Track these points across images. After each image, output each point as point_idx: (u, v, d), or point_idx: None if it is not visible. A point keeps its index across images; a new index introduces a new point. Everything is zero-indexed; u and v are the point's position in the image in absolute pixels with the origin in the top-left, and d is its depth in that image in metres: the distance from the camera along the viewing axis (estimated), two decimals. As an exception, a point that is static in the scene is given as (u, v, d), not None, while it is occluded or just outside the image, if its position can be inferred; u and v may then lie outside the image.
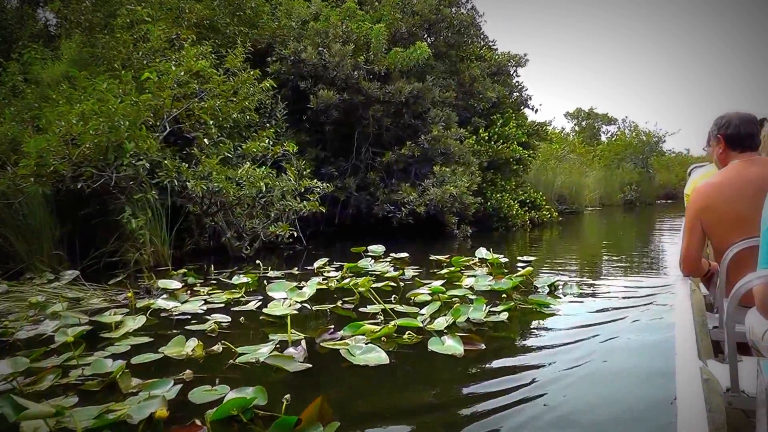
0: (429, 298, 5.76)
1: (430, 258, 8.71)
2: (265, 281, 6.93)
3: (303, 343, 4.11)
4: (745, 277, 1.81)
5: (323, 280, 6.98)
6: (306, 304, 5.52)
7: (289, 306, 5.28)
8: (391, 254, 9.13)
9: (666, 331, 4.50)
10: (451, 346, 4.06)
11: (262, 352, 3.91)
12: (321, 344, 4.22)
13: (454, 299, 5.69)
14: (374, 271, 7.69)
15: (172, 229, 8.81)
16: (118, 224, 7.86)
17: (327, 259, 8.60)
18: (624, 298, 6.05)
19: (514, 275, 6.58)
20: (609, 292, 6.39)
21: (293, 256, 10.52)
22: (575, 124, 34.43)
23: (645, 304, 5.66)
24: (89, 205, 8.20)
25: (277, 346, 4.13)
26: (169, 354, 4.00)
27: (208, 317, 5.12)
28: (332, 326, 4.56)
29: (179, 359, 3.93)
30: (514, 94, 16.44)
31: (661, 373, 3.49)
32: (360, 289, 6.06)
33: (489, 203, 13.92)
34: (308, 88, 12.02)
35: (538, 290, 6.26)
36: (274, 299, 5.52)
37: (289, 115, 12.20)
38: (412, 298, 5.82)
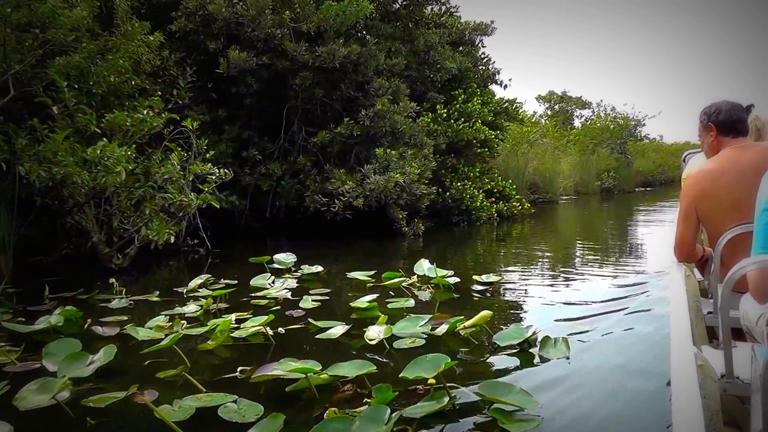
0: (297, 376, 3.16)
1: (348, 275, 6.31)
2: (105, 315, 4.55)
3: None
4: (739, 262, 1.84)
5: (167, 319, 4.58)
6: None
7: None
8: (304, 266, 6.77)
9: (661, 317, 4.44)
10: None
11: None
12: None
13: (341, 382, 3.23)
14: (262, 297, 5.35)
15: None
16: None
17: (208, 276, 6.25)
18: (617, 287, 6.03)
19: (462, 324, 4.16)
20: (599, 286, 6.19)
21: (194, 263, 8.16)
22: (547, 108, 32.30)
23: (639, 293, 5.60)
24: None
25: None
26: None
27: None
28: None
29: None
30: (480, 67, 14.11)
31: (657, 359, 3.53)
32: (209, 345, 3.75)
33: (448, 193, 11.60)
34: (219, 49, 9.55)
35: (499, 348, 3.87)
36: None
37: (201, 84, 9.77)
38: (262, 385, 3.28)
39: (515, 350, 3.80)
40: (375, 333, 3.88)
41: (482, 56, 14.04)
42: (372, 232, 10.25)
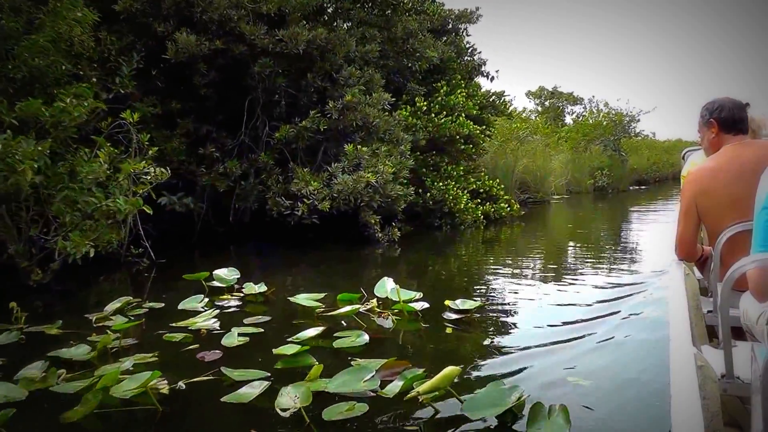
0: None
1: (290, 299, 5.19)
2: None
3: None
4: (738, 261, 1.82)
5: (43, 367, 3.51)
6: None
7: None
8: (248, 284, 5.71)
9: (660, 317, 4.41)
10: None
11: None
12: None
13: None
14: (180, 330, 4.29)
15: None
16: None
17: (127, 298, 5.19)
18: (615, 287, 6.04)
19: (420, 382, 3.06)
20: (595, 290, 6.07)
21: (137, 277, 7.14)
22: (538, 104, 31.27)
23: (638, 294, 5.60)
24: None
25: None
26: None
27: None
28: None
29: None
30: (465, 58, 13.06)
31: (656, 360, 3.49)
32: (73, 414, 2.73)
33: (429, 194, 10.54)
34: (168, 33, 8.45)
35: (470, 425, 2.78)
36: None
37: (156, 74, 8.73)
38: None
39: (493, 425, 2.74)
40: (288, 400, 2.81)
41: (467, 46, 12.98)
42: (345, 237, 9.21)
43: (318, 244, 9.22)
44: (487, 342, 4.23)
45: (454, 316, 4.55)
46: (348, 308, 4.53)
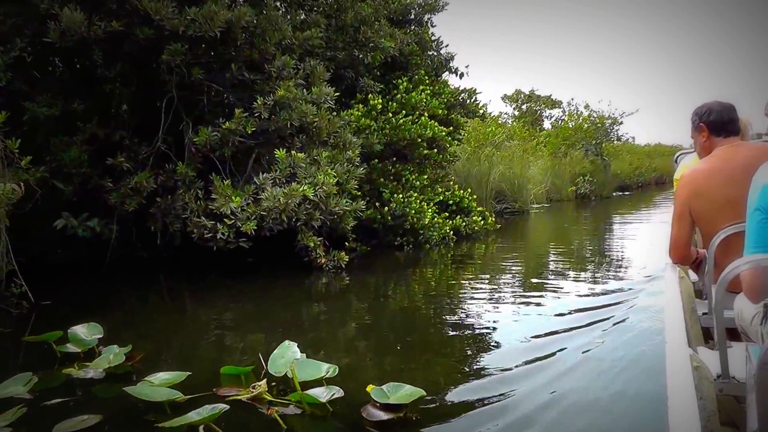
0: None
1: (127, 390, 3.46)
2: None
3: None
4: (732, 262, 1.86)
5: None
6: None
7: None
8: (110, 348, 4.05)
9: (656, 319, 4.50)
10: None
11: None
12: None
13: None
14: None
15: None
16: None
17: None
18: (617, 291, 6.17)
19: None
20: (586, 301, 5.98)
21: (20, 322, 5.51)
22: (514, 108, 29.82)
23: (632, 299, 5.70)
24: None
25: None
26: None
27: None
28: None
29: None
30: (431, 52, 11.49)
31: (653, 362, 3.58)
32: None
33: (387, 208, 8.91)
34: (52, 12, 6.76)
35: None
36: None
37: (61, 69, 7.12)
38: None
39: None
40: None
41: (432, 38, 11.40)
42: (290, 260, 7.55)
43: (257, 270, 7.63)
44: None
45: (380, 415, 2.88)
46: (231, 395, 2.86)
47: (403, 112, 9.13)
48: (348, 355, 4.44)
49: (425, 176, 9.51)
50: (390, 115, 9.03)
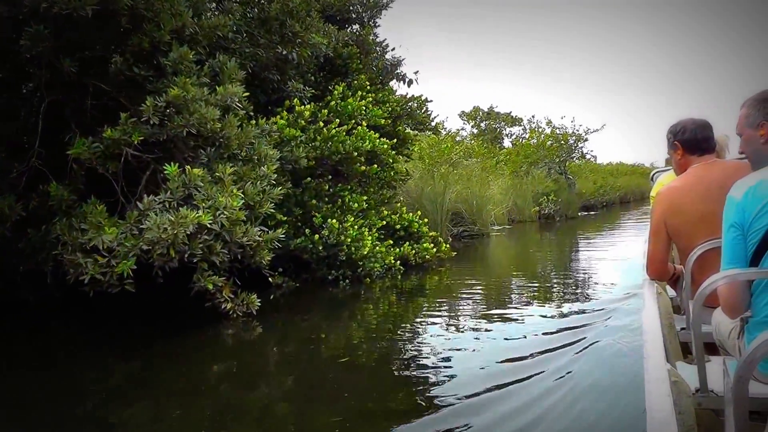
0: None
1: None
2: None
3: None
4: (709, 278, 1.91)
5: None
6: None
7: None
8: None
9: (635, 335, 4.50)
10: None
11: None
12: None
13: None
14: None
15: None
16: None
17: None
18: (595, 310, 5.98)
19: None
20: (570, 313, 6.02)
21: None
22: (473, 126, 28.68)
23: (612, 310, 5.76)
24: None
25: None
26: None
27: None
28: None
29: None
30: (374, 57, 10.13)
31: (632, 378, 3.57)
32: None
33: (318, 236, 7.41)
34: None
35: None
36: None
37: None
38: None
39: None
40: None
41: (376, 41, 10.04)
42: (197, 306, 6.00)
43: (156, 317, 6.10)
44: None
45: None
46: None
47: (337, 121, 7.66)
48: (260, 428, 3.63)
49: (364, 197, 8.03)
50: (321, 124, 7.56)
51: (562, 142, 21.45)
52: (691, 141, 2.80)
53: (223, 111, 6.02)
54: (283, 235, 6.17)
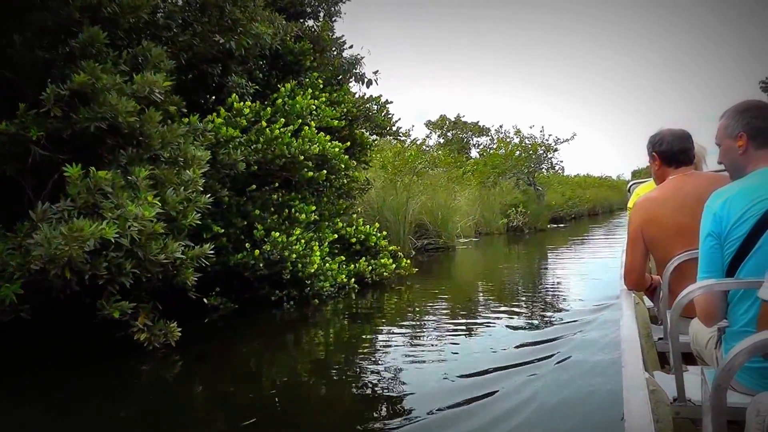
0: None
1: None
2: None
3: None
4: (686, 288, 1.92)
5: None
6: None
7: None
8: None
9: (613, 345, 4.36)
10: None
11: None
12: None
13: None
14: None
15: None
16: None
17: None
18: (567, 322, 5.85)
19: None
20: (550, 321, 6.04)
21: None
22: (439, 135, 27.99)
23: (586, 322, 5.59)
24: None
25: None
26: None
27: None
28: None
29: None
30: (330, 54, 9.31)
31: (609, 387, 3.53)
32: None
33: (259, 252, 6.52)
34: None
35: None
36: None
37: None
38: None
39: None
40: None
41: (331, 37, 9.21)
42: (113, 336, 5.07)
43: (66, 351, 5.18)
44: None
45: None
46: None
47: (282, 120, 6.79)
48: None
49: (313, 207, 7.15)
50: (264, 124, 6.68)
51: (531, 152, 20.83)
52: (668, 153, 2.81)
53: (144, 105, 5.13)
54: (212, 251, 5.27)
